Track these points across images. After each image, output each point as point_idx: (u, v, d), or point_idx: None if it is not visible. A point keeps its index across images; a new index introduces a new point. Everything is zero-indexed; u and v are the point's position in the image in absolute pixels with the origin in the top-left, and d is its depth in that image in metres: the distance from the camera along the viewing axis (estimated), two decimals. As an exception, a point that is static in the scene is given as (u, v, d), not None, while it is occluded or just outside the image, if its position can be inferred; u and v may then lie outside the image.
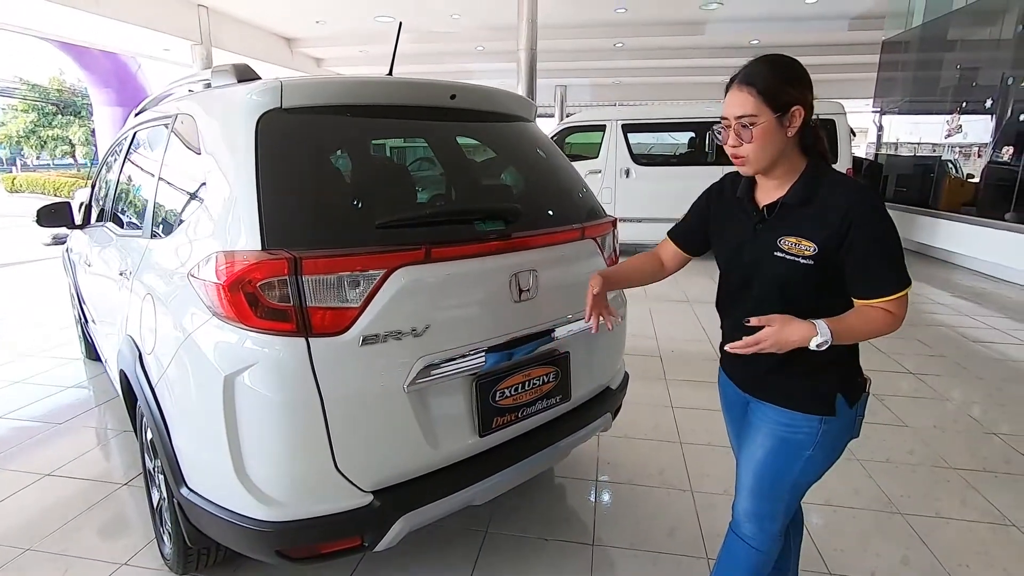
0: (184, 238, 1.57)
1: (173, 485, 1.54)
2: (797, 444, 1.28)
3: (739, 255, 1.30)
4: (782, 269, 1.19)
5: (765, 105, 1.14)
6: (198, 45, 10.58)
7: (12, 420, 2.99)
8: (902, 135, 9.32)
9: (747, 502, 1.36)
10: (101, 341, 2.70)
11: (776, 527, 1.36)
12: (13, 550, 1.99)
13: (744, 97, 1.16)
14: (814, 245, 1.16)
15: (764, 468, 1.32)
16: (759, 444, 1.32)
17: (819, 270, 1.17)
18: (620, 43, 12.60)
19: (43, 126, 31.59)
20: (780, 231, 1.20)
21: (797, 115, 1.16)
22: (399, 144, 5.83)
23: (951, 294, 5.81)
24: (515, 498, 2.26)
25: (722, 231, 1.38)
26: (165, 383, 1.55)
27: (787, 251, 1.18)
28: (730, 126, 1.19)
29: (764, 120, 1.15)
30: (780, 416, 1.29)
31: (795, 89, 1.16)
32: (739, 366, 1.38)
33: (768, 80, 1.15)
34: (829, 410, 1.25)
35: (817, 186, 1.19)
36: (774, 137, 1.16)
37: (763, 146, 1.17)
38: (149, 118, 2.28)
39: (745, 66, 1.19)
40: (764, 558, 1.38)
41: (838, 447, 1.32)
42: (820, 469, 1.32)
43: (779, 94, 1.14)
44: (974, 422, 3.00)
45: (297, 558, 1.43)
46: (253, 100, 1.48)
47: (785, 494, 1.33)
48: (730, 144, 1.20)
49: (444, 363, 1.48)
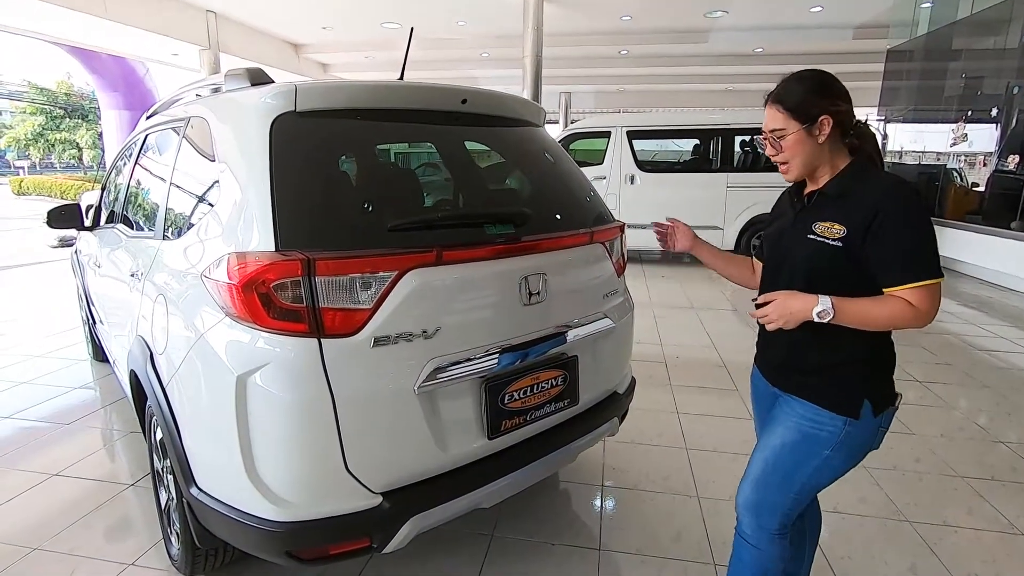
0: (197, 239, 1.59)
1: (183, 485, 1.54)
2: (818, 441, 1.29)
3: (778, 243, 1.39)
4: (811, 251, 1.26)
5: (792, 119, 1.25)
6: (206, 50, 10.67)
7: (20, 420, 3.00)
8: (907, 144, 9.33)
9: (749, 489, 1.38)
10: (110, 342, 2.71)
11: (774, 524, 1.36)
12: (21, 549, 2.00)
13: (773, 113, 1.28)
14: (844, 228, 1.21)
15: (778, 459, 1.33)
16: (779, 435, 1.35)
17: (845, 254, 1.21)
18: (625, 50, 12.66)
19: (51, 129, 31.87)
20: (816, 217, 1.27)
21: (826, 123, 1.24)
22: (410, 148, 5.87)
23: (957, 302, 5.80)
24: (521, 502, 2.26)
25: (771, 227, 1.48)
26: (176, 383, 1.56)
27: (819, 234, 1.25)
28: (767, 139, 1.32)
29: (793, 132, 1.26)
30: (806, 411, 1.31)
31: (823, 100, 1.24)
32: (767, 359, 1.44)
33: (794, 96, 1.26)
34: (855, 412, 1.26)
35: (856, 181, 1.25)
36: (805, 146, 1.27)
37: (795, 154, 1.28)
38: (161, 121, 2.30)
39: (775, 89, 1.31)
40: (763, 557, 1.38)
41: (856, 455, 1.32)
42: (834, 474, 1.33)
43: (806, 107, 1.24)
44: (981, 430, 2.99)
45: (307, 559, 1.43)
46: (268, 103, 1.50)
47: (792, 491, 1.34)
48: (769, 154, 1.34)
49: (454, 365, 1.49)
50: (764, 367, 1.48)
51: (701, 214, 7.30)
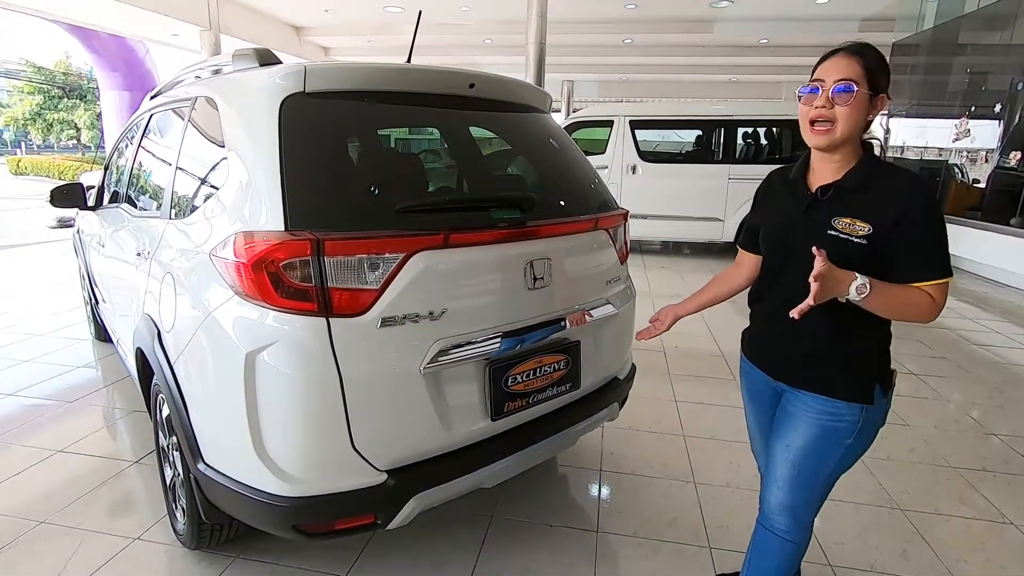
0: (204, 218, 1.60)
1: (190, 460, 1.57)
2: (840, 433, 1.29)
3: (784, 236, 1.33)
4: (832, 247, 1.19)
5: (866, 78, 1.18)
6: (207, 31, 10.55)
7: (24, 398, 3.03)
8: (909, 138, 9.31)
9: (784, 493, 1.37)
10: (113, 321, 2.73)
11: (811, 517, 1.39)
12: (28, 522, 2.03)
13: (851, 63, 1.19)
14: (869, 226, 1.19)
15: (804, 457, 1.33)
16: (800, 434, 1.33)
17: (870, 251, 1.19)
18: (629, 39, 12.57)
19: (49, 109, 31.59)
20: (834, 212, 1.23)
21: (882, 102, 1.21)
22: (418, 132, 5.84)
23: (954, 298, 5.83)
24: (522, 485, 2.29)
25: (769, 217, 1.41)
26: (184, 360, 1.58)
27: (841, 230, 1.21)
28: (824, 90, 1.20)
29: (861, 91, 1.18)
30: (823, 405, 1.30)
31: (887, 79, 1.21)
32: (773, 353, 1.41)
33: (873, 60, 1.20)
34: (870, 398, 1.28)
35: (874, 174, 1.23)
36: (860, 112, 1.19)
37: (849, 115, 1.18)
38: (166, 101, 2.30)
39: (851, 43, 1.23)
40: (798, 549, 1.41)
41: (872, 435, 1.34)
42: (856, 457, 1.35)
43: (879, 76, 1.20)
44: (974, 423, 3.03)
45: (313, 533, 1.46)
46: (277, 83, 1.50)
47: (821, 483, 1.35)
48: (819, 105, 1.20)
49: (459, 347, 1.51)
50: (765, 362, 1.44)
51: (702, 205, 7.30)
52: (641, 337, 1.63)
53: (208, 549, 1.88)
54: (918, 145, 9.10)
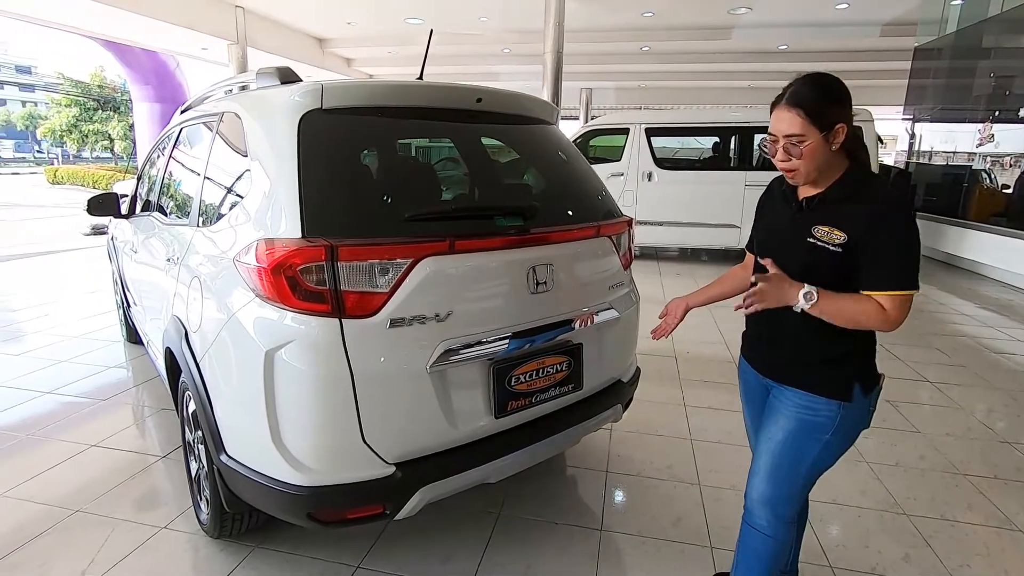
0: (229, 226, 1.71)
1: (214, 452, 1.68)
2: (818, 427, 1.36)
3: (774, 242, 1.42)
4: (810, 254, 1.28)
5: (812, 126, 1.23)
6: (234, 45, 10.91)
7: (62, 395, 3.20)
8: (933, 143, 9.16)
9: (763, 485, 1.43)
10: (144, 323, 2.88)
11: (790, 512, 1.44)
12: (64, 511, 2.16)
13: (792, 117, 1.24)
14: (845, 235, 1.25)
15: (784, 450, 1.39)
16: (780, 427, 1.40)
17: (845, 259, 1.25)
18: (647, 47, 12.60)
19: (84, 121, 32.78)
20: (815, 221, 1.30)
21: (841, 131, 1.25)
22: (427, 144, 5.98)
23: (977, 305, 5.73)
24: (528, 485, 2.36)
25: (764, 222, 1.50)
26: (209, 358, 1.69)
27: (819, 238, 1.28)
28: (778, 141, 1.28)
29: (812, 139, 1.23)
30: (802, 400, 1.37)
31: (839, 108, 1.25)
32: (762, 352, 1.49)
33: (815, 102, 1.23)
34: (847, 396, 1.33)
35: (856, 186, 1.28)
36: (820, 153, 1.25)
37: (811, 161, 1.26)
38: (195, 115, 2.44)
39: (791, 85, 1.27)
40: (778, 545, 1.46)
41: (852, 434, 1.39)
42: (835, 456, 1.40)
43: (825, 115, 1.23)
44: (988, 431, 3.00)
45: (326, 521, 1.55)
46: (296, 101, 1.61)
47: (801, 478, 1.41)
48: (779, 159, 1.29)
49: (464, 347, 1.59)
50: (756, 361, 1.52)
51: (718, 212, 7.29)
52: (656, 335, 1.63)
53: (229, 539, 1.99)
54: (942, 150, 8.95)
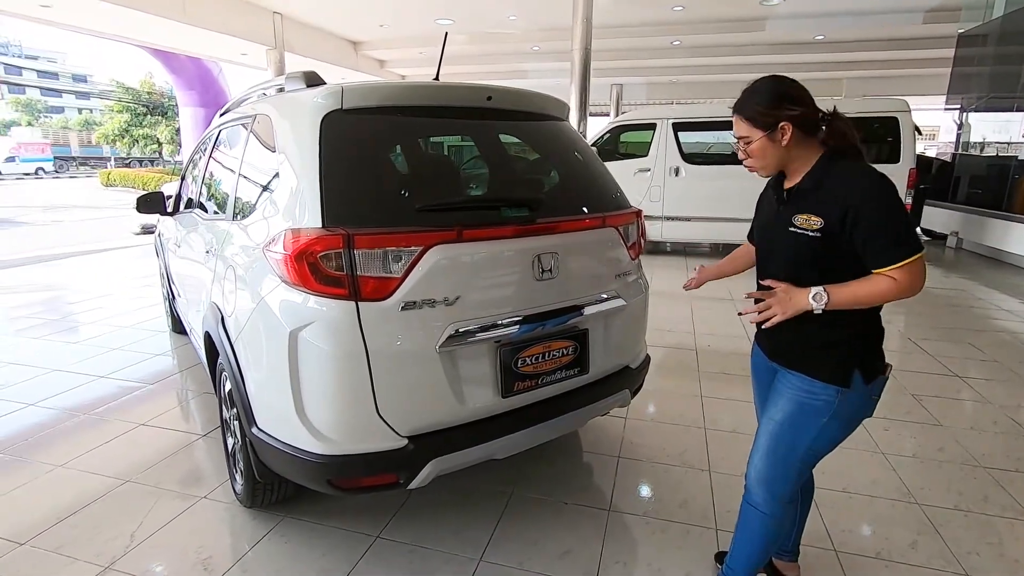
0: (260, 219, 1.87)
1: (246, 426, 1.84)
2: (815, 410, 1.42)
3: (765, 233, 1.55)
4: (793, 241, 1.39)
5: (755, 128, 1.39)
6: (272, 50, 11.35)
7: (115, 380, 3.47)
8: (977, 134, 8.80)
9: (761, 464, 1.51)
10: (187, 313, 3.10)
11: (786, 492, 1.50)
12: (117, 481, 2.38)
13: (738, 123, 1.43)
14: (821, 220, 1.33)
15: (782, 431, 1.46)
16: (780, 408, 1.47)
17: (824, 243, 1.33)
18: (677, 41, 12.48)
19: (135, 125, 34.41)
20: (795, 210, 1.40)
21: (786, 129, 1.36)
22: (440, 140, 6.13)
23: (1019, 300, 5.52)
24: (540, 466, 2.46)
25: (758, 216, 1.64)
26: (242, 339, 1.85)
27: (799, 226, 1.37)
28: (737, 145, 1.47)
29: (756, 139, 1.40)
30: (802, 383, 1.43)
31: (778, 108, 1.36)
32: (769, 336, 1.56)
33: (752, 108, 1.39)
34: (846, 382, 1.38)
35: (825, 174, 1.36)
36: (770, 150, 1.40)
37: (761, 157, 1.42)
38: (232, 118, 2.63)
39: (739, 97, 1.43)
40: (775, 523, 1.52)
41: (852, 422, 1.45)
42: (832, 441, 1.46)
43: (763, 117, 1.37)
44: (1015, 425, 2.94)
45: (344, 488, 1.69)
46: (318, 102, 1.75)
47: (797, 460, 1.47)
48: (740, 157, 1.48)
49: (471, 330, 1.70)
50: (764, 345, 1.60)
51: (746, 207, 7.16)
52: (686, 287, 1.85)
53: (261, 508, 2.16)
54: (988, 141, 8.58)
